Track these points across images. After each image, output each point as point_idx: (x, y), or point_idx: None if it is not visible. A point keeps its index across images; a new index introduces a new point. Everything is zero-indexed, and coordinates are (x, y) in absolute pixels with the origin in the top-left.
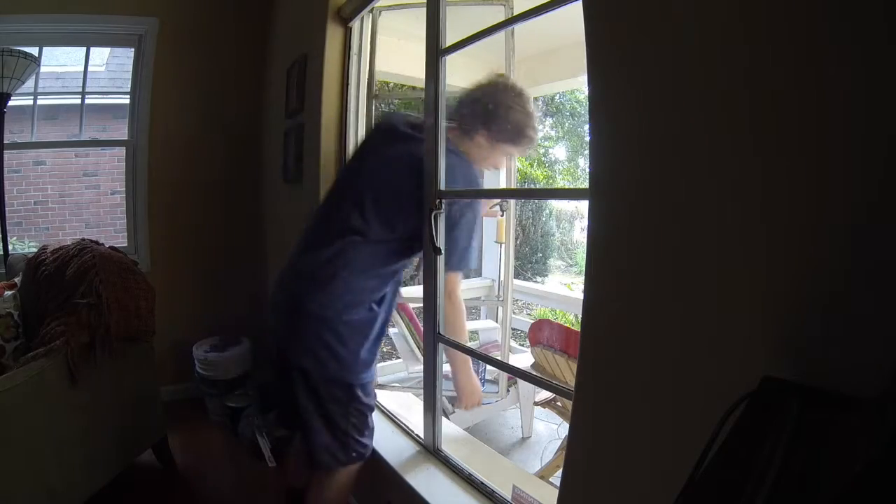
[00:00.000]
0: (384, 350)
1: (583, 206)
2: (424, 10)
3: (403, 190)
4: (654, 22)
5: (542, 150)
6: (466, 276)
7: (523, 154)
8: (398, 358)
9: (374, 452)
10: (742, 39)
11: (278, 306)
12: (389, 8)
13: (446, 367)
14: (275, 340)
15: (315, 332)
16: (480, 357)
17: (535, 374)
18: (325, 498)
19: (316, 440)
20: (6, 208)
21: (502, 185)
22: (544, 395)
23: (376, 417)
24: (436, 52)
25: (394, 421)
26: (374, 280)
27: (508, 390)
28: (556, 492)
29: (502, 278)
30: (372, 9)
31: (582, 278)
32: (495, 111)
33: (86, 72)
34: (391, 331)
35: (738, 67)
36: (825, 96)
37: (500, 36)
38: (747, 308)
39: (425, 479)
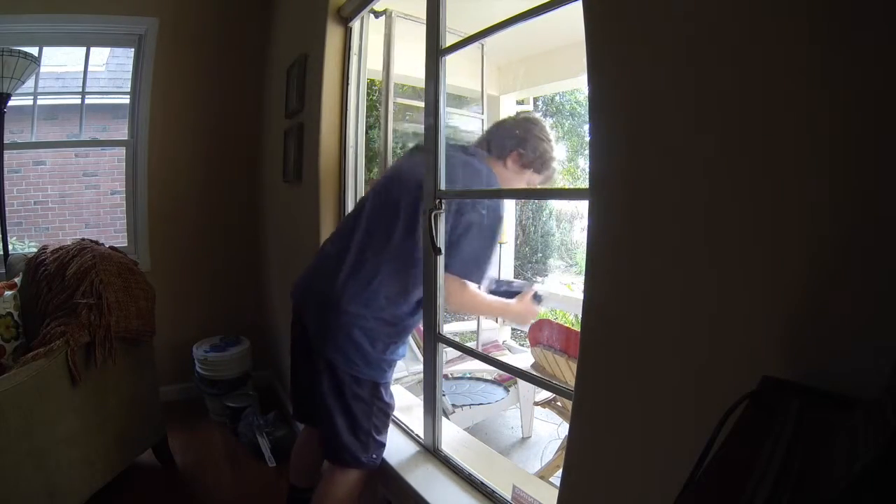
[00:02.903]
0: None
1: (583, 205)
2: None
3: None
4: (654, 22)
5: None
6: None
7: (541, 184)
8: None
9: None
10: (742, 39)
11: (311, 297)
12: (406, 17)
13: (447, 369)
14: (301, 329)
15: (347, 330)
16: (480, 357)
17: (535, 374)
18: (334, 497)
19: (338, 438)
20: (6, 208)
21: None
22: (544, 395)
23: None
24: (436, 53)
25: (394, 421)
26: (408, 284)
27: (508, 388)
28: (556, 492)
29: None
30: (389, 12)
31: (582, 278)
32: (526, 139)
33: (86, 72)
34: None
35: (738, 67)
36: (827, 96)
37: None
38: (747, 308)
39: (425, 479)
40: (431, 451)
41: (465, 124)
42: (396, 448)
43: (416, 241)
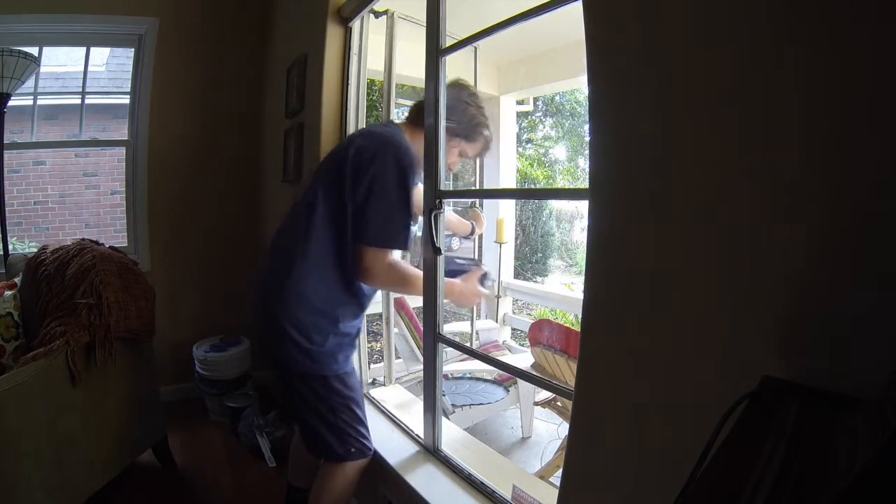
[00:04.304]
0: (376, 348)
1: (583, 206)
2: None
3: (329, 179)
4: (654, 22)
5: (542, 151)
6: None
7: (477, 155)
8: (398, 358)
9: (374, 452)
10: (742, 38)
11: (254, 306)
12: (405, 18)
13: (447, 368)
14: (257, 340)
15: (281, 328)
16: (480, 357)
17: (535, 374)
18: (328, 495)
19: (312, 433)
20: (6, 208)
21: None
22: (544, 395)
23: (377, 417)
24: (436, 52)
25: (394, 421)
26: (327, 269)
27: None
28: (556, 492)
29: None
30: (390, 13)
31: (582, 278)
32: (452, 105)
33: (86, 72)
34: (392, 330)
35: (738, 67)
36: (827, 95)
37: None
38: (747, 308)
39: (425, 479)
40: (431, 451)
41: None
42: (396, 448)
43: (321, 223)
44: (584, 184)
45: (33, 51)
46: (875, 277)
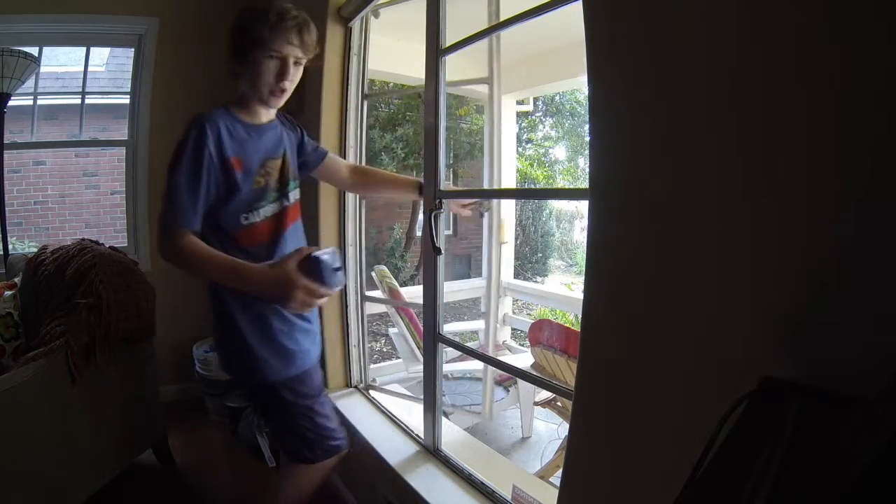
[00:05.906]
0: (384, 350)
1: (583, 205)
2: (423, 4)
3: None
4: (654, 22)
5: (542, 151)
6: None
7: (298, 44)
8: (398, 358)
9: (374, 452)
10: (741, 40)
11: None
12: (387, 5)
13: (447, 368)
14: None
15: (220, 337)
16: (480, 357)
17: (535, 374)
18: (288, 489)
19: (280, 440)
20: (6, 208)
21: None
22: (544, 395)
23: (377, 417)
24: (436, 52)
25: (394, 421)
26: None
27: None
28: (556, 492)
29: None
30: (376, 10)
31: (582, 278)
32: (231, 38)
33: (86, 72)
34: (391, 331)
35: (737, 67)
36: (823, 96)
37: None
38: (747, 308)
39: (425, 479)
40: (431, 451)
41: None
42: (396, 448)
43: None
44: (584, 184)
45: (33, 51)
46: (874, 277)
